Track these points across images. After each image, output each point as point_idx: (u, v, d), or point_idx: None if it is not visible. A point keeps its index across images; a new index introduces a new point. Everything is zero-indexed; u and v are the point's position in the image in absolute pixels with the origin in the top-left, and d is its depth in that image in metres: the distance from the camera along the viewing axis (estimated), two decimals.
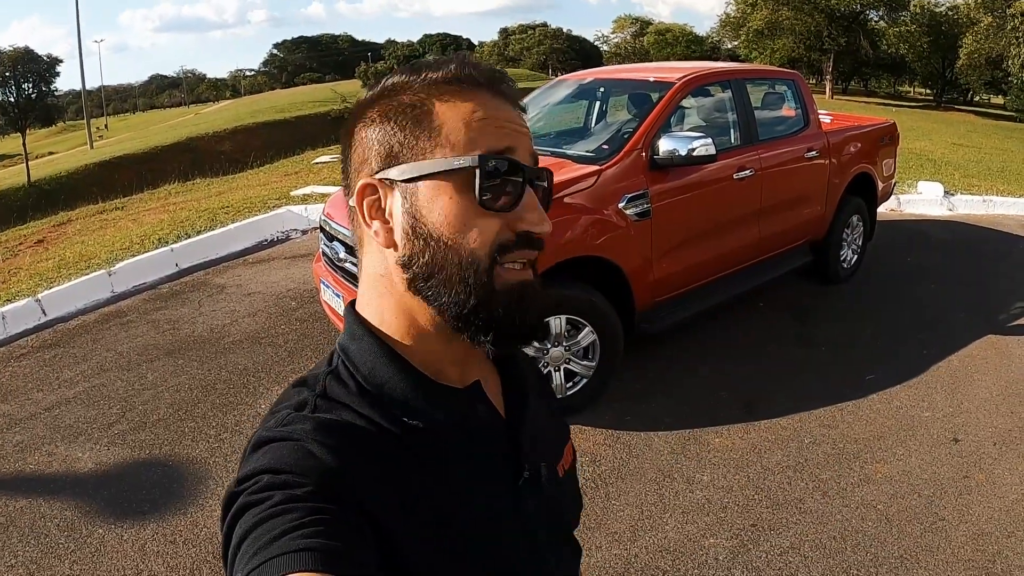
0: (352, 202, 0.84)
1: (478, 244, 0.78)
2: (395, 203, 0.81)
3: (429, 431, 0.81)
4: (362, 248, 0.86)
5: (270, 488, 0.69)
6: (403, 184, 0.80)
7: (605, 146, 4.52)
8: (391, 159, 0.80)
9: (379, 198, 0.82)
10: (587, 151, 4.50)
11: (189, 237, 7.32)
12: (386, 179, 0.81)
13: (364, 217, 0.83)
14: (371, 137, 0.82)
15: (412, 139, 0.80)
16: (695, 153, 4.21)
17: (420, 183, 0.79)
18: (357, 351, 0.84)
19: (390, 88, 0.84)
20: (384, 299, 0.84)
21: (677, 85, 4.68)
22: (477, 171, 0.77)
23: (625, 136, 4.48)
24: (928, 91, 52.96)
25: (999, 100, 45.13)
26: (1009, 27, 33.33)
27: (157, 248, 6.96)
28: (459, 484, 0.81)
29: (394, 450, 0.78)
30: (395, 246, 0.81)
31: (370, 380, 0.82)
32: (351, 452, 0.74)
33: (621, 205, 4.10)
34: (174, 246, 6.97)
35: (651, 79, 5.09)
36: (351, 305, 0.89)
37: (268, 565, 0.62)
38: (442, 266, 0.78)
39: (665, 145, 4.25)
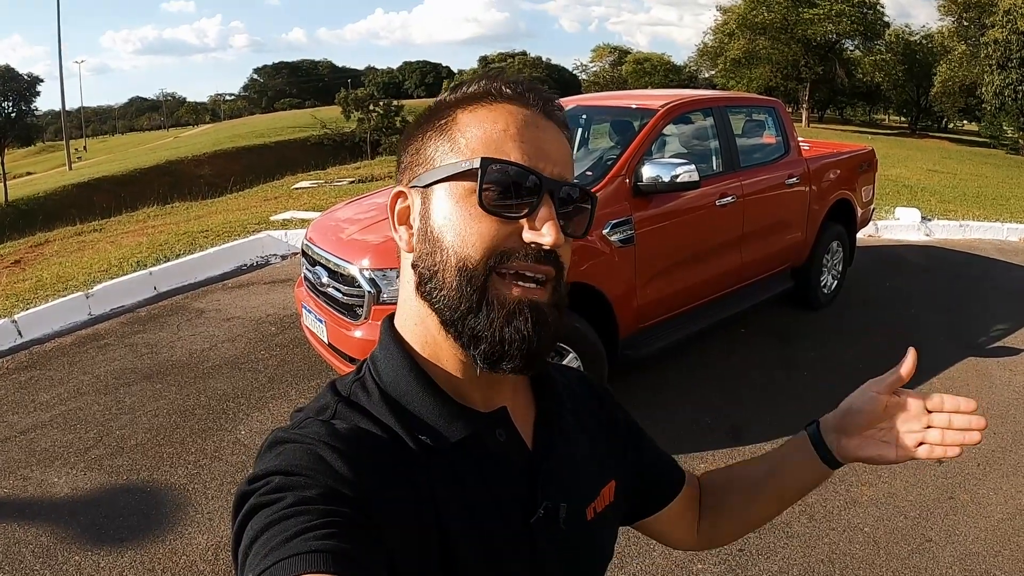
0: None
1: (474, 248, 0.77)
2: (416, 208, 0.84)
3: (443, 450, 0.80)
4: (400, 260, 0.88)
5: (282, 489, 0.69)
6: (423, 189, 0.82)
7: (588, 172, 4.53)
8: (418, 168, 0.84)
9: (408, 206, 0.85)
10: None
11: (168, 260, 7.27)
12: (413, 186, 0.84)
13: (394, 223, 0.87)
14: (408, 151, 0.86)
15: (435, 148, 0.82)
16: (679, 180, 4.23)
17: (435, 187, 0.81)
18: (383, 360, 0.85)
19: (431, 108, 0.87)
20: (406, 306, 0.86)
21: (660, 112, 4.71)
22: (479, 173, 0.76)
23: (608, 162, 4.50)
24: (903, 119, 53.84)
25: (972, 127, 45.94)
26: (983, 55, 33.95)
27: (135, 271, 6.91)
28: (468, 509, 0.79)
29: (407, 463, 0.78)
30: (413, 250, 0.83)
31: (392, 390, 0.83)
32: (362, 460, 0.74)
33: (605, 232, 4.11)
34: (152, 269, 6.92)
35: (633, 106, 5.12)
36: (388, 317, 0.90)
37: (280, 566, 0.62)
38: (441, 268, 0.79)
39: (649, 171, 4.27)
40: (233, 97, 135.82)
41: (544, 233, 0.77)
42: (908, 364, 0.95)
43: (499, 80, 0.84)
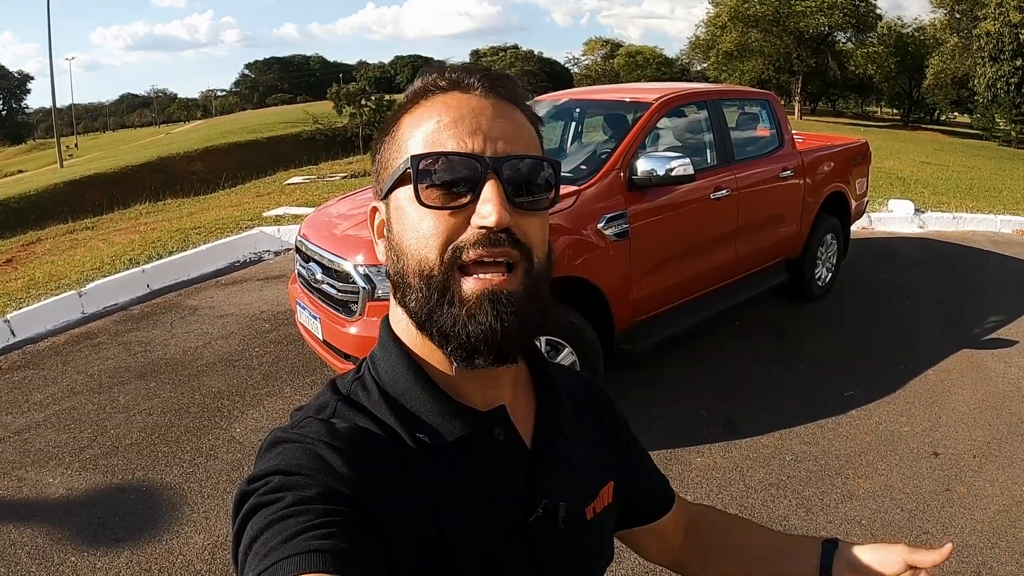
0: None
1: (428, 247, 0.76)
2: (386, 220, 0.83)
3: (442, 448, 0.80)
4: None
5: (282, 489, 0.69)
6: (385, 200, 0.83)
7: (583, 166, 4.51)
8: (380, 181, 0.84)
9: (384, 219, 0.85)
10: (564, 172, 4.48)
11: (161, 258, 7.25)
12: (382, 199, 0.84)
13: (375, 238, 0.87)
14: (373, 165, 0.86)
15: (388, 158, 0.83)
16: (673, 173, 4.22)
17: (391, 196, 0.82)
18: (382, 359, 0.85)
19: (386, 119, 0.87)
20: (395, 311, 0.86)
21: (654, 105, 4.70)
22: (412, 171, 0.76)
23: (603, 156, 4.48)
24: (895, 111, 54.03)
25: (965, 119, 46.06)
26: (975, 47, 34.06)
27: (128, 269, 6.88)
28: (467, 507, 0.79)
29: (406, 461, 0.78)
30: (388, 260, 0.84)
31: (391, 389, 0.83)
32: (362, 458, 0.75)
33: (600, 225, 4.10)
34: (145, 267, 6.89)
35: (627, 99, 5.11)
36: (386, 317, 0.90)
37: (280, 565, 0.62)
38: (405, 273, 0.79)
39: (643, 165, 4.26)
40: (224, 93, 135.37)
41: (485, 214, 0.74)
42: (940, 555, 0.94)
43: (435, 73, 0.83)
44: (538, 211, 0.80)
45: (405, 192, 0.78)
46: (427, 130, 0.78)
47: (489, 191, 0.75)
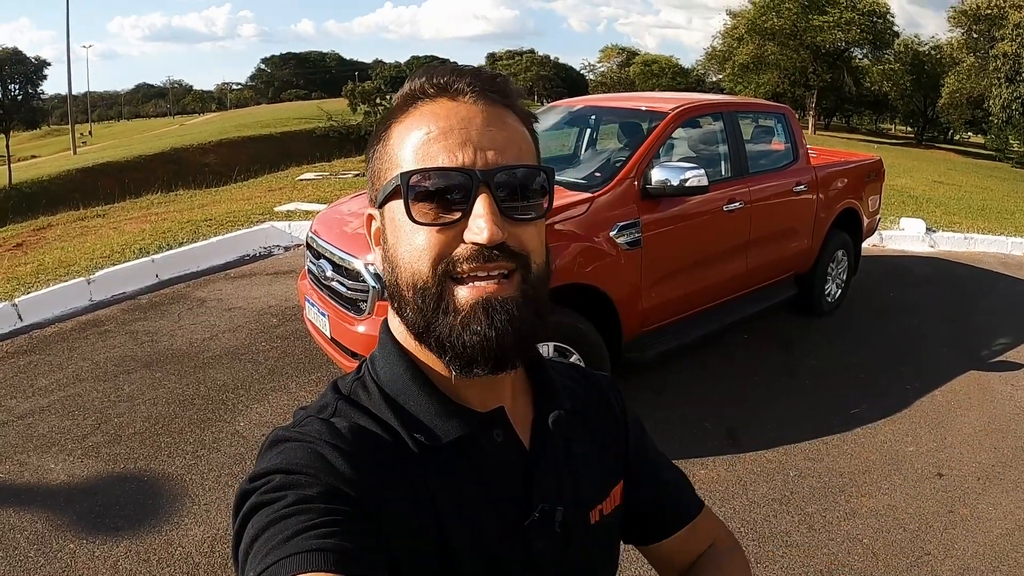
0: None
1: (420, 261, 0.76)
2: (381, 228, 0.84)
3: (440, 448, 0.80)
4: None
5: (283, 488, 0.70)
6: (380, 209, 0.83)
7: (597, 174, 4.51)
8: (374, 189, 0.84)
9: (379, 227, 0.84)
10: (578, 178, 4.49)
11: (170, 248, 7.26)
12: (377, 207, 0.83)
13: (372, 245, 0.87)
14: (367, 171, 0.86)
15: (380, 168, 0.82)
16: (688, 184, 4.20)
17: (385, 207, 0.81)
18: (381, 360, 0.86)
19: (376, 125, 0.87)
20: (395, 316, 0.86)
21: (671, 115, 4.68)
22: (403, 188, 0.75)
23: (617, 164, 4.48)
24: (909, 128, 53.92)
25: (979, 139, 45.90)
26: (991, 68, 33.95)
27: (138, 258, 6.90)
28: (465, 508, 0.79)
29: (406, 461, 0.78)
30: (384, 270, 0.83)
31: (390, 389, 0.83)
32: (363, 458, 0.75)
33: (612, 233, 4.08)
34: (155, 257, 6.91)
35: (643, 108, 5.10)
36: (385, 319, 0.89)
37: (281, 564, 0.63)
38: (400, 285, 0.79)
39: (658, 175, 4.25)
40: (240, 86, 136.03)
41: (477, 230, 0.73)
42: None
43: (424, 77, 0.82)
44: (533, 219, 0.79)
45: (399, 205, 0.77)
46: (417, 142, 0.77)
47: (481, 206, 0.74)
